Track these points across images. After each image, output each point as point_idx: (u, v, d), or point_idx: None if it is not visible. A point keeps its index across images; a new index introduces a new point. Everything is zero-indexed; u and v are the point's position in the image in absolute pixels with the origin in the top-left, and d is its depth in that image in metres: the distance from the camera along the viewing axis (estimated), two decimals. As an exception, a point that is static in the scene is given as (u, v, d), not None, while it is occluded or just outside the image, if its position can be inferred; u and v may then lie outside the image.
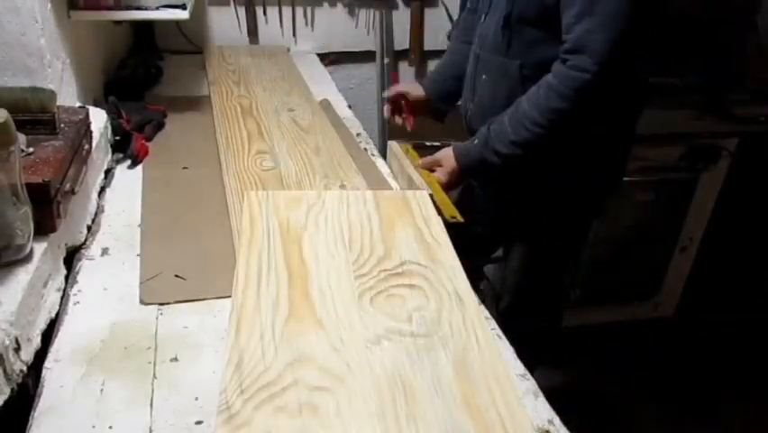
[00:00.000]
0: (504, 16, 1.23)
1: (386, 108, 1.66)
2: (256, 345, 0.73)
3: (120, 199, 1.14)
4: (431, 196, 1.13)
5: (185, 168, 1.26)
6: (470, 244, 1.07)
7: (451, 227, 1.05)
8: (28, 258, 0.80)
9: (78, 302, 0.87)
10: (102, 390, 0.72)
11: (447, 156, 1.31)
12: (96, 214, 1.09)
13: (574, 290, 2.28)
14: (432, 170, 1.32)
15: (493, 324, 0.88)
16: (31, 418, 0.69)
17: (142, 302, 0.87)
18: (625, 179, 2.02)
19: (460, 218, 1.11)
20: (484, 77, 1.33)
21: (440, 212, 1.09)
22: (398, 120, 1.65)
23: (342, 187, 1.19)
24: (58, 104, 0.97)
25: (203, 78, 1.77)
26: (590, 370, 2.23)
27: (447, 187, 1.29)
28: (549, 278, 1.55)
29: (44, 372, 0.75)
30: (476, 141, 1.27)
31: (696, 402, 2.11)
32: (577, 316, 2.37)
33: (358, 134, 1.49)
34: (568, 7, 1.11)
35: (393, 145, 1.38)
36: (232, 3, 2.05)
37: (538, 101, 1.16)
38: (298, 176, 1.22)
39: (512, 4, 1.21)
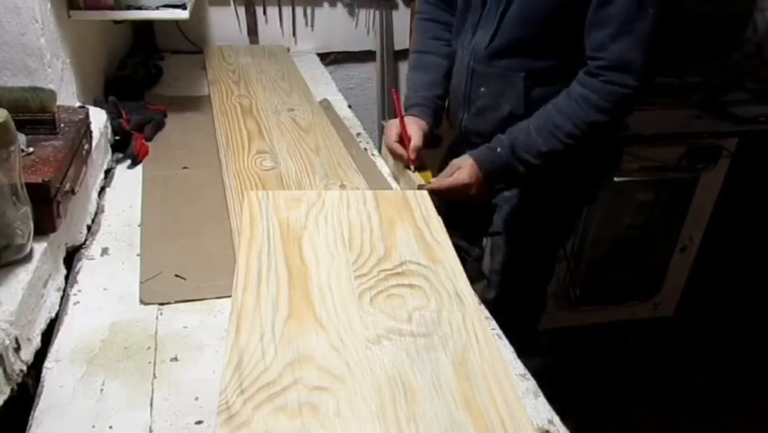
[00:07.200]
0: (500, 13, 1.21)
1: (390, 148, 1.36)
2: (256, 345, 0.73)
3: (120, 199, 1.14)
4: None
5: (185, 168, 1.26)
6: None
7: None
8: (28, 258, 0.80)
9: (78, 302, 0.87)
10: (102, 390, 0.72)
11: (467, 166, 1.26)
12: (95, 214, 1.09)
13: (574, 289, 2.29)
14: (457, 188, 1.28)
15: (493, 324, 0.88)
16: (31, 418, 0.69)
17: (142, 302, 0.87)
18: (625, 179, 2.04)
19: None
20: (482, 89, 1.31)
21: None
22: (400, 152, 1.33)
23: (342, 187, 1.19)
24: (58, 104, 0.97)
25: (203, 78, 1.77)
26: (590, 370, 2.23)
27: (477, 196, 1.27)
28: (537, 270, 1.54)
29: (44, 372, 0.75)
30: (499, 150, 1.24)
31: (696, 402, 2.11)
32: (577, 316, 2.37)
33: (358, 134, 1.49)
34: (599, 26, 1.12)
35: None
36: (232, 3, 2.04)
37: (574, 113, 1.17)
38: (298, 176, 1.22)
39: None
